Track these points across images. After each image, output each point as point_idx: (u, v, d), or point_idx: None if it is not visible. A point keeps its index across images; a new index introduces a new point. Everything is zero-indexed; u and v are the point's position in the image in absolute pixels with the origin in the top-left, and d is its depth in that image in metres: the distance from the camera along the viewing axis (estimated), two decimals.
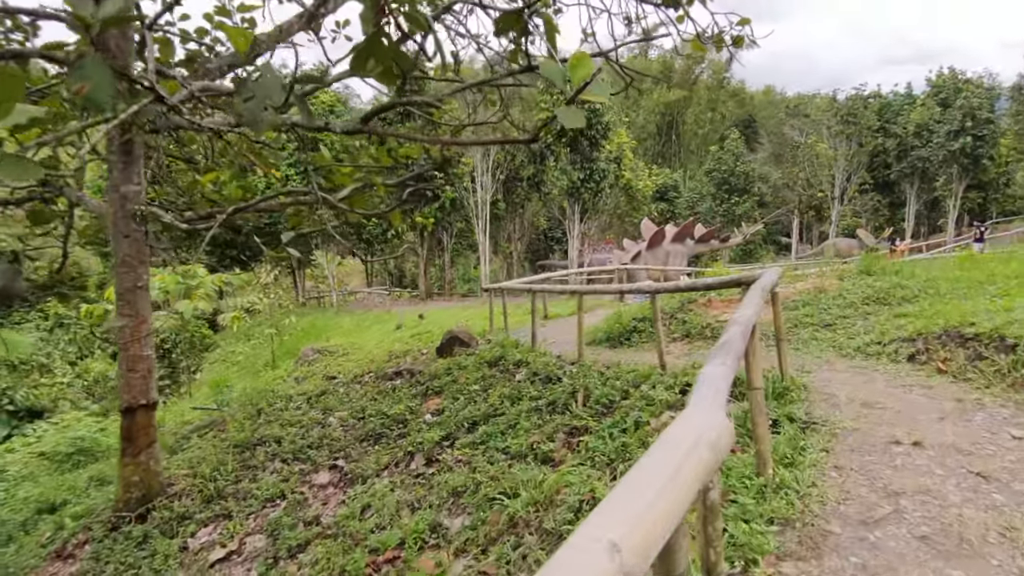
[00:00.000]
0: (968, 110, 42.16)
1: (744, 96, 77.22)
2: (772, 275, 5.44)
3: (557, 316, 17.27)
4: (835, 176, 48.18)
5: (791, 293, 10.05)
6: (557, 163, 32.26)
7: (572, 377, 8.93)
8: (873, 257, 10.77)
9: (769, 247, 60.27)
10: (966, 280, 9.06)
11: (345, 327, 28.61)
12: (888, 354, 7.20)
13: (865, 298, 9.18)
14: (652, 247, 25.61)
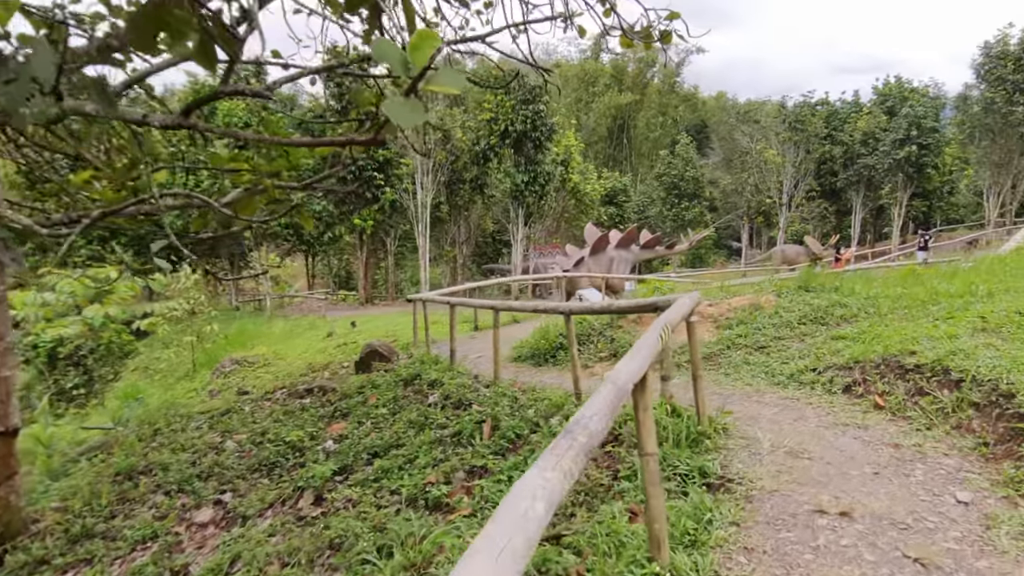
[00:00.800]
0: (913, 119, 42.69)
1: (696, 101, 77.60)
2: (686, 302, 4.64)
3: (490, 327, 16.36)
4: (783, 182, 48.41)
5: (725, 311, 9.33)
6: (500, 165, 31.38)
7: (483, 403, 8.04)
8: (812, 272, 10.13)
9: (720, 252, 60.54)
10: (908, 298, 8.45)
11: (276, 334, 27.24)
12: (823, 383, 6.48)
13: (802, 317, 8.50)
14: (596, 253, 24.92)
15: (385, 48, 3.03)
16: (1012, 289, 7.99)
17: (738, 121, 55.20)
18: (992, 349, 5.59)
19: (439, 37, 2.76)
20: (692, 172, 54.38)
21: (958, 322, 6.65)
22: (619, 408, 2.56)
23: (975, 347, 5.70)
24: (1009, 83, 41.09)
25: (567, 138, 39.10)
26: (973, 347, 5.71)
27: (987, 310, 6.84)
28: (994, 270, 10.49)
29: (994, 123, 42.07)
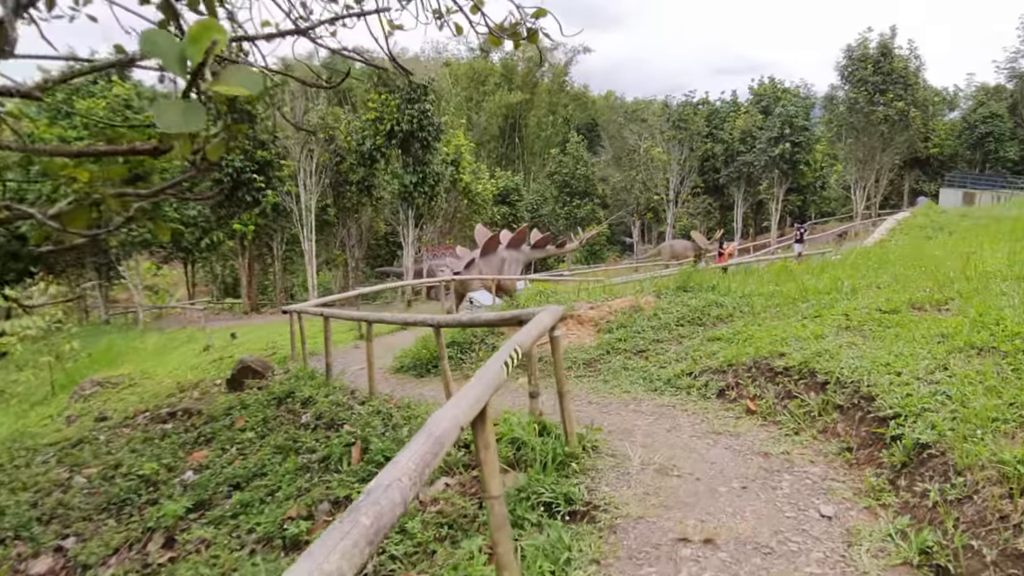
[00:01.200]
0: (786, 118, 44.95)
1: (587, 100, 78.97)
2: (545, 319, 4.34)
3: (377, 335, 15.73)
4: (670, 179, 49.91)
5: (606, 314, 9.20)
6: (388, 166, 30.59)
7: (355, 423, 7.53)
8: (690, 271, 10.19)
9: (614, 247, 61.82)
10: (780, 296, 8.57)
11: (148, 350, 25.42)
12: (698, 388, 6.39)
13: (680, 318, 8.46)
14: (486, 254, 24.67)
15: (155, 39, 2.49)
16: (874, 284, 8.23)
17: (626, 120, 56.51)
18: (855, 349, 5.62)
19: (222, 28, 2.28)
20: (583, 170, 55.22)
21: (824, 321, 6.72)
22: (438, 462, 2.19)
23: (839, 347, 5.73)
24: (870, 84, 43.94)
25: (457, 137, 38.67)
26: (837, 347, 5.73)
27: (851, 307, 6.96)
28: (858, 264, 10.90)
29: (857, 122, 44.88)
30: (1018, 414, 3.68)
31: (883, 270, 9.52)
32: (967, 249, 10.79)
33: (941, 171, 54.19)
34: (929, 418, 4.00)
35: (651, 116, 52.77)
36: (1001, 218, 19.94)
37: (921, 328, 5.68)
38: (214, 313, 36.36)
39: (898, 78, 44.19)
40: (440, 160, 32.09)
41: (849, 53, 45.58)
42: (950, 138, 53.89)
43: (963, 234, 18.33)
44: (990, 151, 51.24)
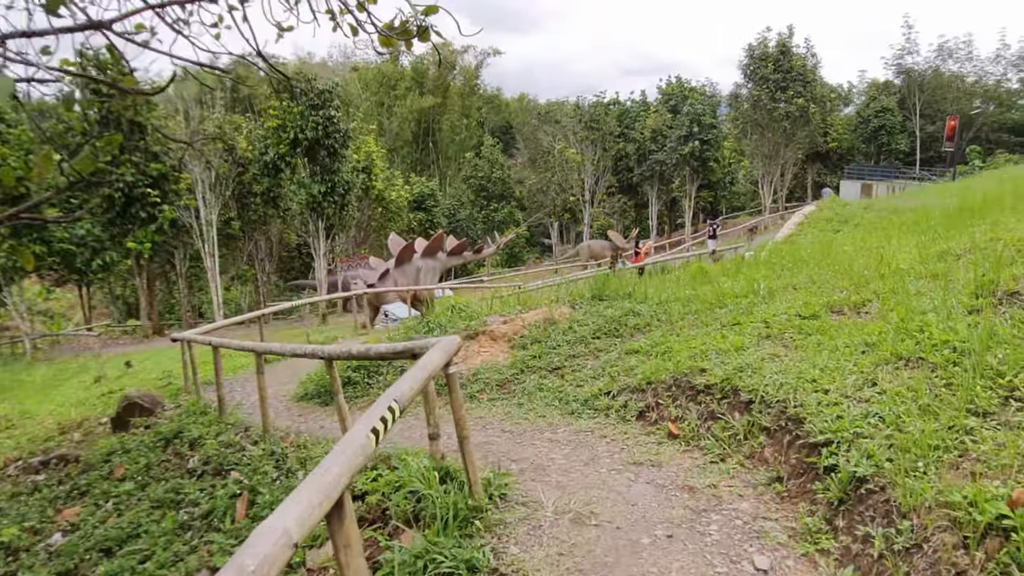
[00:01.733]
0: (694, 116, 45.90)
1: (500, 103, 78.84)
2: (435, 358, 3.75)
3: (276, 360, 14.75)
4: (584, 180, 50.19)
5: (519, 328, 8.69)
6: (294, 175, 29.29)
7: (245, 468, 6.75)
8: (604, 278, 9.81)
9: (534, 249, 61.79)
10: (697, 301, 8.26)
11: (35, 383, 23.35)
12: (617, 409, 5.94)
13: (596, 331, 8.03)
14: (401, 264, 23.87)
15: None
16: (790, 286, 8.02)
17: (540, 122, 56.62)
18: (778, 362, 5.27)
19: None
20: (499, 173, 54.95)
21: (744, 329, 6.39)
22: None
23: (761, 360, 5.37)
24: (771, 82, 45.34)
25: (367, 144, 37.62)
26: (759, 360, 5.38)
27: (769, 313, 6.67)
28: (772, 263, 10.78)
29: (761, 118, 46.24)
30: (959, 440, 3.33)
31: (797, 269, 9.37)
32: (876, 244, 10.83)
33: (840, 164, 56.65)
34: (863, 445, 3.63)
35: (564, 117, 53.02)
36: (900, 209, 20.60)
37: (843, 335, 5.39)
38: (112, 338, 34.02)
39: (797, 75, 45.76)
40: (350, 168, 30.98)
41: (750, 52, 46.94)
42: (847, 132, 56.46)
43: (868, 227, 18.79)
44: (883, 143, 53.98)
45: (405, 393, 3.06)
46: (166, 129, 27.93)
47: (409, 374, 3.39)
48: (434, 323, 9.65)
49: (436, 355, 3.70)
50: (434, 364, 3.62)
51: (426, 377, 3.50)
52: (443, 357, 3.79)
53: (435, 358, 3.66)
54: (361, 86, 66.64)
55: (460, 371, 8.16)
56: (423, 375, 3.45)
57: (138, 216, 28.61)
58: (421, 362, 3.59)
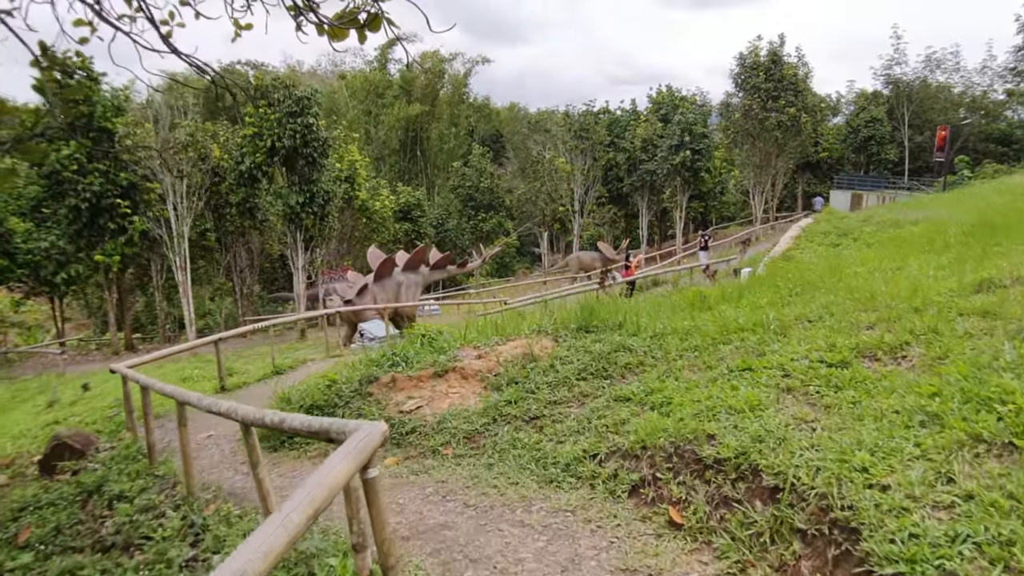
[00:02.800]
0: (686, 125, 45.06)
1: (490, 112, 77.95)
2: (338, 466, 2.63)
3: (241, 385, 13.57)
4: (574, 190, 49.27)
5: (494, 365, 7.58)
6: (271, 185, 28.09)
7: (153, 547, 5.59)
8: (590, 307, 8.69)
9: (524, 259, 60.76)
10: (698, 335, 7.18)
11: None
12: (605, 481, 4.84)
13: (582, 370, 6.93)
14: (381, 279, 22.67)
15: None
16: (803, 318, 6.95)
17: (530, 130, 55.70)
18: (807, 431, 4.18)
19: None
20: (487, 182, 53.93)
21: (758, 378, 5.31)
22: None
23: (786, 427, 4.29)
24: (762, 91, 44.60)
25: (351, 152, 36.50)
26: (783, 426, 4.29)
27: (786, 356, 5.59)
28: (777, 285, 9.72)
29: (753, 128, 45.46)
30: None
31: (807, 295, 8.32)
32: (891, 264, 9.81)
33: (830, 174, 56.16)
34: None
35: (554, 126, 52.13)
36: (901, 223, 19.67)
37: (886, 395, 4.31)
38: (83, 353, 32.66)
39: (788, 85, 45.07)
40: (331, 177, 29.82)
41: (741, 61, 46.21)
42: (836, 142, 56.01)
43: (872, 242, 17.82)
44: (873, 153, 53.72)
45: (294, 521, 1.95)
46: (135, 137, 26.70)
47: (306, 491, 2.27)
48: (400, 355, 8.52)
49: (341, 464, 2.57)
50: (338, 475, 2.49)
51: (326, 497, 2.38)
52: (352, 464, 2.66)
53: (341, 466, 2.54)
54: (348, 94, 65.64)
55: (425, 415, 7.05)
56: (322, 495, 2.33)
57: (107, 228, 27.36)
58: (321, 472, 2.47)
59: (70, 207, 26.79)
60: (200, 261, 34.09)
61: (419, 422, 6.92)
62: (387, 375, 7.98)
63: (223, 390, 12.99)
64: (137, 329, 42.82)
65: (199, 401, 5.68)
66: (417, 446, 6.57)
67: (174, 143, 26.83)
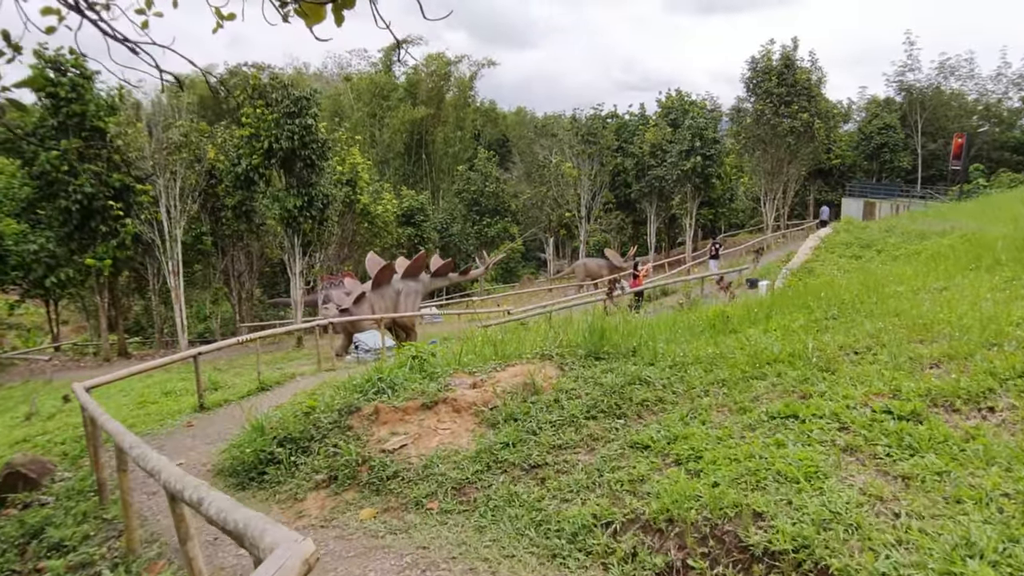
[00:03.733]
0: (696, 130, 44.05)
1: (496, 116, 77.13)
2: None
3: (223, 403, 12.63)
4: (581, 195, 48.32)
5: (491, 396, 6.63)
6: (268, 188, 27.21)
7: None
8: (599, 329, 7.70)
9: (529, 264, 59.84)
10: (725, 365, 6.23)
11: None
12: (621, 560, 3.88)
13: (591, 407, 5.97)
14: (379, 287, 21.75)
15: None
16: (849, 348, 6.00)
17: (536, 135, 54.80)
18: (887, 515, 3.23)
19: None
20: (493, 187, 52.99)
21: (807, 428, 4.36)
22: None
23: (857, 506, 3.33)
24: (775, 96, 43.61)
25: (352, 155, 35.65)
26: (854, 506, 3.34)
27: (839, 401, 4.64)
28: (808, 304, 8.76)
29: (765, 134, 44.46)
30: None
31: (846, 318, 7.37)
32: (933, 282, 8.84)
33: (842, 181, 55.13)
34: None
35: (561, 130, 51.22)
36: (927, 234, 18.68)
37: (983, 465, 3.36)
38: (75, 359, 31.80)
39: (802, 90, 44.07)
40: (332, 180, 28.95)
41: (753, 65, 45.22)
42: (848, 149, 55.03)
43: (895, 254, 16.84)
44: (886, 161, 52.78)
45: None
46: (126, 137, 25.87)
47: None
48: (386, 380, 7.57)
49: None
50: None
51: None
52: None
53: None
54: (353, 96, 64.97)
55: (410, 456, 6.11)
56: None
57: (98, 230, 26.52)
58: None
59: (61, 209, 25.98)
60: (197, 265, 33.22)
61: (403, 464, 5.98)
62: (370, 405, 7.04)
63: (202, 408, 12.06)
64: (137, 332, 42.04)
65: (131, 448, 4.75)
66: (399, 495, 5.63)
67: (167, 143, 25.98)
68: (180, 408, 12.75)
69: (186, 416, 11.76)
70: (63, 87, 25.84)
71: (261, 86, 26.19)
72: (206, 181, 28.39)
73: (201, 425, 11.03)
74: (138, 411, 13.68)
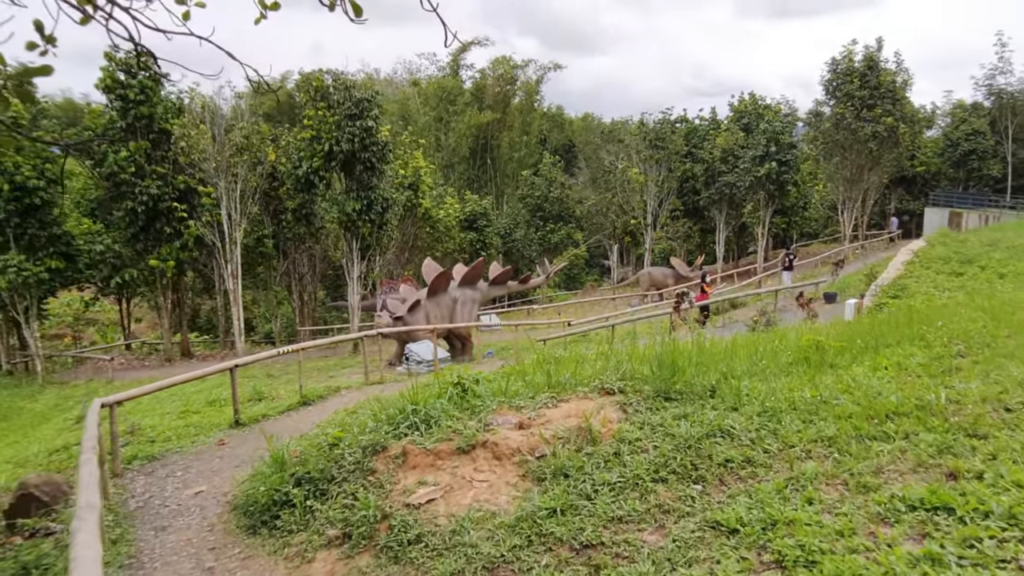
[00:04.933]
0: (772, 135, 41.88)
1: (563, 121, 76.16)
2: None
3: (260, 418, 11.91)
4: (647, 202, 46.66)
5: (538, 442, 5.55)
6: (328, 191, 26.82)
7: None
8: (670, 361, 6.45)
9: (593, 271, 58.53)
10: (829, 414, 5.00)
11: (35, 411, 21.40)
12: None
13: (660, 464, 4.82)
14: (435, 294, 20.93)
15: None
16: (997, 402, 4.68)
17: (603, 140, 53.43)
18: None
19: None
20: (557, 192, 51.83)
21: (974, 537, 3.13)
22: None
23: None
24: (856, 99, 41.16)
25: (416, 159, 35.16)
26: None
27: (1011, 493, 3.38)
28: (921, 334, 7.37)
29: (844, 139, 42.05)
30: None
31: (978, 355, 6.00)
32: None
33: (925, 190, 51.97)
34: None
35: (628, 136, 49.68)
36: None
37: None
38: (140, 357, 32.21)
39: (886, 92, 41.46)
40: (393, 184, 28.42)
41: (834, 67, 42.84)
42: (933, 156, 51.85)
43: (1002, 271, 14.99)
44: (973, 169, 49.89)
45: None
46: (190, 139, 25.88)
47: None
48: (420, 414, 6.57)
49: None
50: None
51: None
52: None
53: None
54: (420, 101, 64.99)
55: (437, 515, 5.09)
56: None
57: (163, 232, 26.67)
58: None
59: (127, 210, 26.21)
60: (258, 268, 33.25)
61: (429, 526, 4.96)
62: (398, 444, 6.06)
63: (237, 424, 11.37)
64: (209, 331, 42.66)
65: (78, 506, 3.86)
66: (420, 567, 4.60)
67: (228, 145, 25.88)
68: (218, 421, 12.11)
69: (221, 432, 11.09)
70: (132, 89, 26.10)
71: (324, 88, 25.83)
72: (268, 183, 28.28)
73: (233, 443, 10.32)
74: (178, 421, 13.14)
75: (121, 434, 12.33)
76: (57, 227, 25.60)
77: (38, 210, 24.36)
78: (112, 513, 7.38)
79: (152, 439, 11.63)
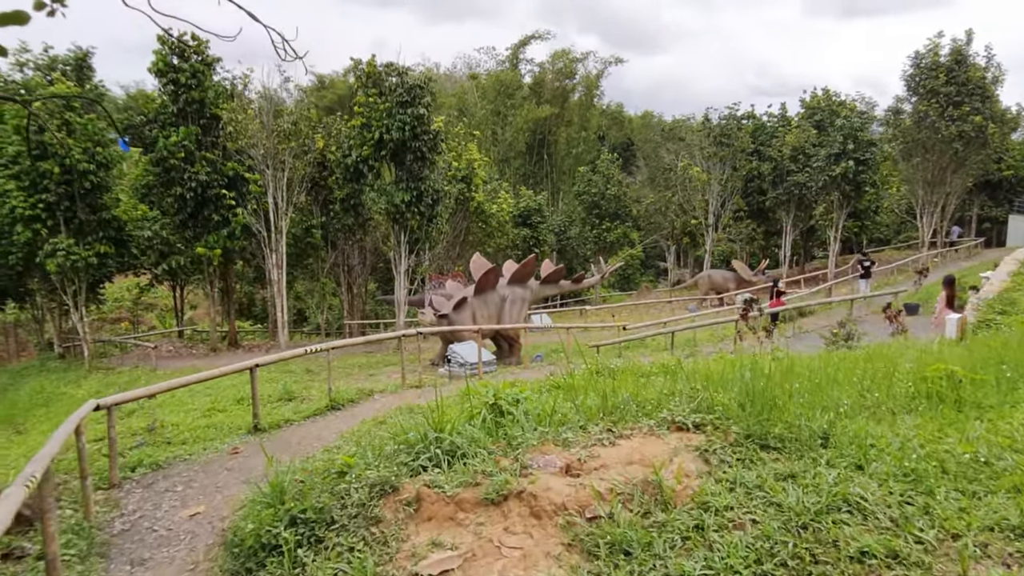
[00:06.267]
0: (849, 131, 39.21)
1: (622, 119, 74.46)
2: None
3: (282, 424, 10.87)
4: (709, 201, 44.50)
5: (587, 497, 4.23)
6: (377, 181, 25.91)
7: None
8: (763, 392, 5.03)
9: (648, 272, 56.74)
10: (1000, 488, 3.55)
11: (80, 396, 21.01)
12: None
13: (764, 552, 3.44)
14: (482, 292, 19.73)
15: None
16: None
17: (663, 138, 51.45)
18: None
19: None
20: (614, 190, 50.06)
21: None
22: None
23: None
24: (942, 96, 38.33)
25: (470, 151, 34.10)
26: None
27: None
28: None
29: (926, 138, 39.24)
30: None
31: None
32: None
33: (1010, 196, 48.39)
34: None
35: (689, 134, 47.56)
36: None
37: None
38: (188, 346, 31.98)
39: (974, 89, 38.48)
40: (445, 176, 27.40)
41: (917, 61, 40.01)
42: (1022, 159, 48.18)
43: None
44: None
45: None
46: (237, 124, 25.31)
47: None
48: (444, 445, 5.32)
49: None
50: None
51: None
52: None
53: None
54: (478, 94, 64.15)
55: None
56: None
57: (211, 219, 26.21)
58: None
59: (176, 196, 25.82)
60: (307, 259, 32.69)
61: None
62: (412, 485, 4.82)
63: (256, 430, 10.35)
64: (264, 320, 42.63)
65: None
66: None
67: (276, 131, 25.23)
68: (239, 424, 11.13)
69: (237, 438, 10.08)
70: (184, 73, 25.69)
71: (376, 73, 24.95)
72: (318, 172, 27.60)
73: (247, 452, 9.27)
74: (202, 420, 12.26)
75: (139, 432, 11.52)
76: (106, 212, 25.35)
77: (88, 194, 24.10)
78: (85, 539, 6.36)
79: (169, 440, 10.75)
